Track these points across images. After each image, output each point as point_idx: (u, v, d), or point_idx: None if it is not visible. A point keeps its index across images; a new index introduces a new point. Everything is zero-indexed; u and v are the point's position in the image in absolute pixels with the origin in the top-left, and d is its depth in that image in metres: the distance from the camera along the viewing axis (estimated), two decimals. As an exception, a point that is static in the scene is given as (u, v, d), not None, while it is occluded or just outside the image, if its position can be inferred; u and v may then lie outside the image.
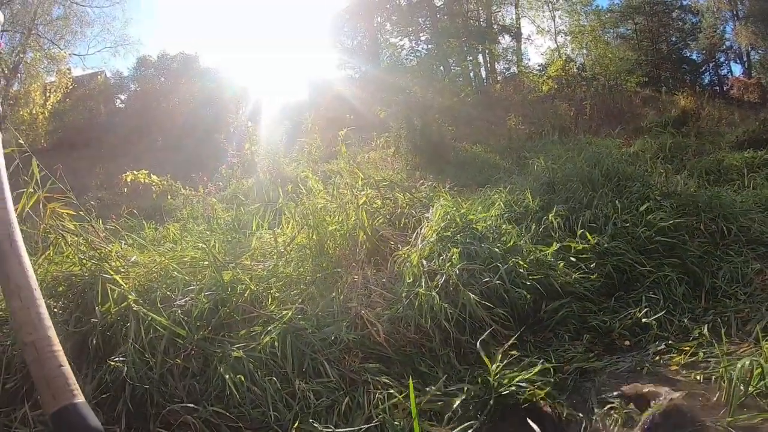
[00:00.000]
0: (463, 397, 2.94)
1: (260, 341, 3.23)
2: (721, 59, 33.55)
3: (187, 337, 3.19)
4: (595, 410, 2.89)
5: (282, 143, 12.91)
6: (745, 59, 31.86)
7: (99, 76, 29.01)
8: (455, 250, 4.19)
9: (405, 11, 24.95)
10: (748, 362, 2.83)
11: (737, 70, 32.59)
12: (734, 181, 7.86)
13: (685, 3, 33.34)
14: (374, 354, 3.44)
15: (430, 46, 24.96)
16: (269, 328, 3.33)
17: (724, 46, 32.66)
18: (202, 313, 3.44)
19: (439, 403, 2.95)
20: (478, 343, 3.35)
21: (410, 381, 2.39)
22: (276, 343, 3.21)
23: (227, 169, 12.24)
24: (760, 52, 30.68)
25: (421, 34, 25.42)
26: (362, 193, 5.27)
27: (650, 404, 2.80)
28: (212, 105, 24.53)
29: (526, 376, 3.01)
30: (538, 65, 28.41)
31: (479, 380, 3.10)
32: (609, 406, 2.88)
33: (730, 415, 2.64)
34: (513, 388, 2.92)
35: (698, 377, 3.11)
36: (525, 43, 29.41)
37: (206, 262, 4.08)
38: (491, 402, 2.89)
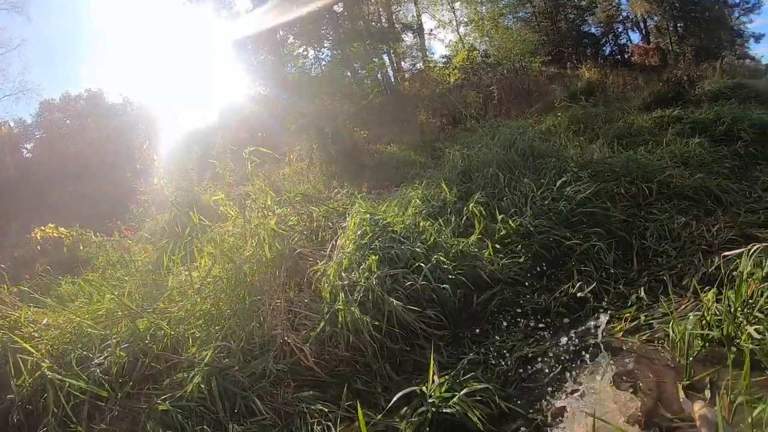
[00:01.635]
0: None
1: (186, 388, 3.05)
2: (619, 29, 35.74)
3: (109, 397, 3.04)
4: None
5: (194, 171, 12.55)
6: (642, 26, 34.05)
7: (2, 128, 27.44)
8: (373, 257, 4.06)
9: (306, 21, 24.88)
10: (692, 320, 2.85)
11: (636, 38, 34.76)
12: (647, 141, 8.11)
13: (579, -20, 35.38)
14: (307, 380, 3.30)
15: (334, 52, 25.05)
16: (193, 373, 3.15)
17: (621, 17, 34.83)
18: (122, 368, 3.27)
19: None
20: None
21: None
22: (203, 387, 3.04)
23: (138, 207, 11.76)
24: (655, 18, 32.90)
25: (324, 42, 25.46)
26: (275, 212, 5.07)
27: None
28: (120, 142, 23.76)
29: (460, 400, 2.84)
30: (444, 57, 29.22)
31: (419, 392, 2.94)
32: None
33: (687, 377, 2.62)
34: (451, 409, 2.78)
35: (641, 340, 3.12)
36: (428, 38, 30.16)
37: (121, 313, 3.88)
38: (429, 415, 2.76)
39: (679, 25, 32.71)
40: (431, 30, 29.90)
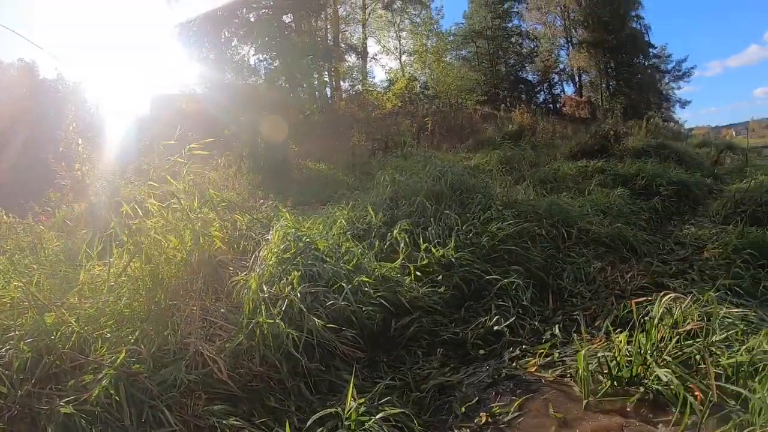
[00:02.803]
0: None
1: (92, 392, 2.87)
2: (555, 79, 38.03)
3: (8, 394, 2.81)
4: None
5: (119, 162, 12.05)
6: (576, 79, 36.29)
7: None
8: (296, 273, 4.04)
9: (253, 26, 24.71)
10: (601, 357, 3.08)
11: (569, 90, 37.05)
12: (571, 189, 8.54)
13: (523, 29, 37.68)
14: (219, 393, 3.19)
15: (277, 62, 24.99)
16: (100, 376, 2.98)
17: (558, 69, 37.06)
18: (25, 364, 3.04)
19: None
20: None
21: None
22: (110, 392, 2.88)
23: (56, 192, 11.13)
24: (591, 74, 35.26)
25: (268, 50, 25.35)
26: (199, 215, 4.94)
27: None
28: (49, 120, 22.40)
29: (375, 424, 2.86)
30: (384, 81, 29.92)
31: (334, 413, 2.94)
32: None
33: (585, 407, 2.81)
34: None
35: (554, 375, 3.28)
36: (371, 62, 30.81)
37: (27, 303, 3.59)
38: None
39: (611, 83, 35.11)
40: (375, 54, 30.68)
